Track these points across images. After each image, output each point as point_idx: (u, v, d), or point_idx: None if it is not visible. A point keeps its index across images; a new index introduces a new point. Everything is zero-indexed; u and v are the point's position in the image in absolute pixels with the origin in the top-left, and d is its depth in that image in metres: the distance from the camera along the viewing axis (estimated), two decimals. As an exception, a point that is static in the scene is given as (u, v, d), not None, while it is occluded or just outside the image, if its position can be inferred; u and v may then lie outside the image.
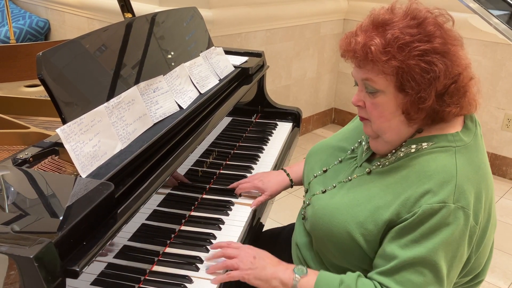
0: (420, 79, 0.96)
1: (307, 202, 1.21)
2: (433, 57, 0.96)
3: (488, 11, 1.45)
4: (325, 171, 1.23)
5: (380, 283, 0.99)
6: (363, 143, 1.19)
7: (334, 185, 1.16)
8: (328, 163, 1.24)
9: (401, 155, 1.05)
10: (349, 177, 1.14)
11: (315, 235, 1.14)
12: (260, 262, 1.09)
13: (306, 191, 1.27)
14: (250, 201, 1.41)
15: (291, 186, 1.47)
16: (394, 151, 1.07)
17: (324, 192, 1.17)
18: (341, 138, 1.29)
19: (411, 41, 0.96)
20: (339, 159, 1.22)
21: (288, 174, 1.46)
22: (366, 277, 1.02)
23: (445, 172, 0.97)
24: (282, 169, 1.50)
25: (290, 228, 1.47)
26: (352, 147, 1.22)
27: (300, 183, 1.45)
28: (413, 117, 1.01)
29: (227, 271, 1.11)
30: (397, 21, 0.99)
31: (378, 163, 1.09)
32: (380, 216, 1.00)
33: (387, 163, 1.07)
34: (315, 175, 1.25)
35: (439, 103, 1.00)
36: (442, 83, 0.98)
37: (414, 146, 1.04)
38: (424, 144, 1.03)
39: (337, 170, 1.20)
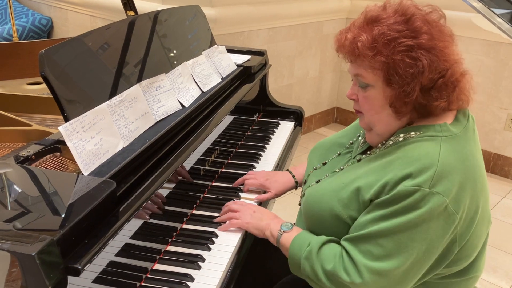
0: (404, 74, 0.99)
1: (303, 193, 1.27)
2: (417, 53, 0.99)
3: (492, 11, 1.44)
4: (324, 164, 1.27)
5: (343, 248, 1.05)
6: (360, 137, 1.23)
7: (326, 174, 1.21)
8: (327, 157, 1.29)
9: (390, 143, 1.08)
10: (342, 167, 1.18)
11: (307, 223, 1.17)
12: (258, 215, 1.24)
13: (305, 183, 1.31)
14: (252, 201, 1.41)
15: (296, 188, 1.49)
16: (384, 141, 1.11)
17: (318, 182, 1.22)
18: (342, 135, 1.33)
19: (397, 37, 0.99)
20: (338, 152, 1.27)
21: (293, 176, 1.48)
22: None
23: (427, 158, 0.99)
24: (288, 170, 1.51)
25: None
26: (351, 141, 1.26)
27: None
28: (399, 110, 1.04)
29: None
30: (387, 17, 1.03)
31: (369, 153, 1.14)
32: (362, 197, 1.03)
33: (377, 151, 1.11)
34: (314, 168, 1.29)
35: (425, 97, 1.02)
36: (428, 78, 1.00)
37: (402, 135, 1.07)
38: (412, 133, 1.06)
39: (335, 163, 1.24)
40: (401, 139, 1.06)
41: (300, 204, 1.29)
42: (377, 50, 1.00)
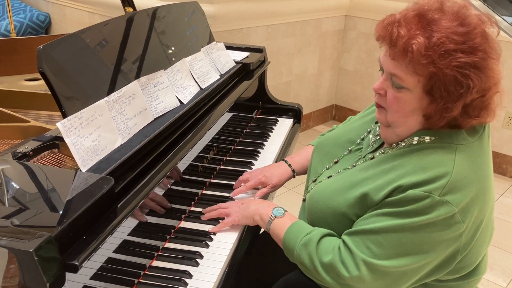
0: (452, 90, 0.95)
1: (310, 189, 1.24)
2: (471, 71, 0.93)
3: (491, 9, 1.44)
4: (336, 162, 1.25)
5: (343, 241, 1.03)
6: (371, 135, 1.19)
7: (338, 171, 1.19)
8: (338, 155, 1.25)
9: (403, 145, 1.05)
10: (354, 164, 1.16)
11: (311, 219, 1.16)
12: (246, 205, 1.24)
13: (314, 180, 1.27)
14: (251, 197, 1.41)
15: (294, 176, 1.47)
16: (399, 142, 1.08)
17: (329, 177, 1.19)
18: (349, 129, 1.30)
19: (454, 50, 0.93)
20: (349, 148, 1.24)
21: (290, 165, 1.47)
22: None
23: (441, 167, 0.97)
24: (283, 160, 1.50)
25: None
26: (362, 137, 1.23)
27: (303, 172, 1.47)
28: (434, 123, 1.01)
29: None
30: (445, 22, 0.95)
31: (382, 151, 1.11)
32: (371, 198, 1.01)
33: (389, 152, 1.08)
34: (327, 166, 1.26)
35: (461, 114, 0.99)
36: (471, 97, 0.96)
37: (416, 138, 1.04)
38: (427, 138, 1.03)
39: (346, 160, 1.22)
40: (415, 142, 1.03)
41: (304, 200, 1.28)
42: (431, 59, 0.93)
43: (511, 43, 3.01)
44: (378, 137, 1.16)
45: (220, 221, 1.26)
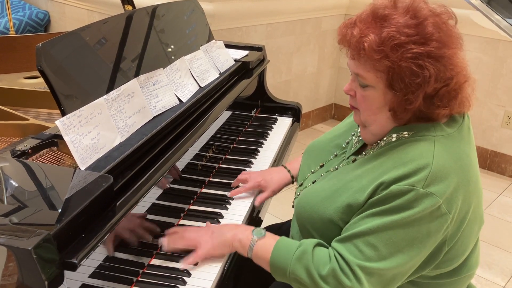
0: (409, 82, 0.96)
1: (298, 194, 1.24)
2: (425, 61, 0.95)
3: (490, 8, 1.44)
4: (321, 166, 1.25)
5: (334, 249, 1.01)
6: (354, 137, 1.21)
7: (321, 174, 1.19)
8: (323, 159, 1.26)
9: (382, 144, 1.06)
10: (336, 167, 1.16)
11: (299, 224, 1.15)
12: (218, 233, 1.12)
13: (300, 185, 1.29)
14: (249, 196, 1.41)
15: (292, 182, 1.48)
16: (378, 141, 1.09)
17: (314, 182, 1.19)
18: (337, 134, 1.30)
19: (406, 42, 0.95)
20: (335, 153, 1.24)
21: (289, 171, 1.47)
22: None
23: (421, 159, 0.97)
24: (283, 165, 1.50)
25: (290, 223, 1.47)
26: (347, 140, 1.24)
27: None
28: (399, 116, 1.02)
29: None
30: (397, 17, 0.97)
31: (364, 153, 1.12)
32: (355, 200, 1.01)
33: (371, 152, 1.09)
34: (312, 171, 1.26)
35: (426, 105, 1.00)
36: (432, 87, 0.97)
37: (395, 135, 1.05)
38: (405, 133, 1.04)
39: (331, 164, 1.22)
40: (393, 139, 1.04)
41: (293, 206, 1.26)
42: (384, 53, 0.96)
43: (511, 42, 3.03)
44: (360, 138, 1.17)
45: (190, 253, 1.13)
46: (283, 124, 1.94)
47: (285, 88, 3.59)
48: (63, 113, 1.01)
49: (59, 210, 0.86)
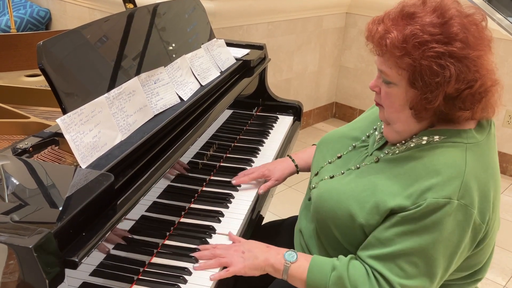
0: (428, 80, 0.95)
1: (313, 186, 1.23)
2: (447, 61, 0.94)
3: (491, 6, 1.44)
4: (339, 157, 1.24)
5: (372, 267, 1.00)
6: (376, 132, 1.19)
7: (342, 171, 1.17)
8: (340, 150, 1.25)
9: (412, 145, 1.05)
10: (358, 165, 1.15)
11: (318, 218, 1.14)
12: (250, 254, 1.12)
13: (316, 174, 1.27)
14: (249, 195, 1.41)
15: (297, 172, 1.48)
16: (404, 141, 1.07)
17: (332, 177, 1.18)
18: (354, 127, 1.29)
19: (428, 41, 0.94)
20: (353, 145, 1.23)
21: (293, 160, 1.47)
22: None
23: (453, 168, 0.97)
24: (288, 155, 1.50)
25: (290, 220, 1.47)
26: (368, 134, 1.22)
27: (306, 169, 1.46)
28: (419, 114, 1.01)
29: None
30: (423, 15, 0.97)
31: (388, 151, 1.10)
32: (384, 204, 1.00)
33: (397, 152, 1.07)
34: (329, 161, 1.25)
35: (448, 106, 0.99)
36: (453, 88, 0.96)
37: (425, 138, 1.04)
38: (436, 137, 1.03)
39: (349, 158, 1.21)
40: (424, 142, 1.03)
41: (309, 199, 1.25)
42: (405, 51, 0.95)
43: (511, 42, 3.02)
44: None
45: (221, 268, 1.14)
46: (284, 122, 1.94)
47: (286, 87, 3.59)
48: (64, 111, 1.01)
49: (60, 208, 0.86)
